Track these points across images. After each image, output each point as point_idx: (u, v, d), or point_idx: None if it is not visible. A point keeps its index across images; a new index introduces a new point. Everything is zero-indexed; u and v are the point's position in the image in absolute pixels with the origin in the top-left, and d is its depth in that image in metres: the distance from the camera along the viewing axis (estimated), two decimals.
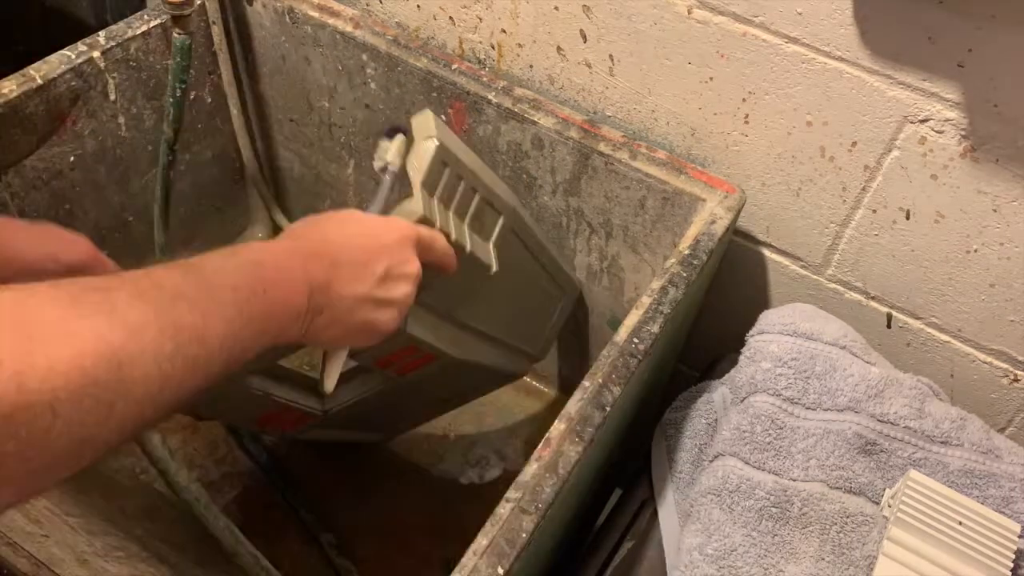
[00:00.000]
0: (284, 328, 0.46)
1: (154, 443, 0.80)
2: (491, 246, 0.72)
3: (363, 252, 0.52)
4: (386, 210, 0.61)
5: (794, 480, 0.71)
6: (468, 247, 0.67)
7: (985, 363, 0.83)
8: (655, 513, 0.76)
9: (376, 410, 0.86)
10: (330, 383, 0.61)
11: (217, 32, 0.99)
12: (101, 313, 0.34)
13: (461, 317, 0.77)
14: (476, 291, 0.75)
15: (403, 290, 0.55)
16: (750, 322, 0.81)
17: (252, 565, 0.80)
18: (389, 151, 0.62)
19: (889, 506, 0.70)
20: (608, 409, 0.64)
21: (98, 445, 0.34)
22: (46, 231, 0.56)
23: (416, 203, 0.60)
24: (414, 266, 0.56)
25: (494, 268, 0.72)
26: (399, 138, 0.62)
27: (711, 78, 0.80)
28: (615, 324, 0.96)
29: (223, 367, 0.40)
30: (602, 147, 0.83)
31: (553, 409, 1.08)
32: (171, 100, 0.92)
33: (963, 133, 0.70)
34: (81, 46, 0.85)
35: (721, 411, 0.78)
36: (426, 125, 0.62)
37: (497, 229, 0.73)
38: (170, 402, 0.37)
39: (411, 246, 0.56)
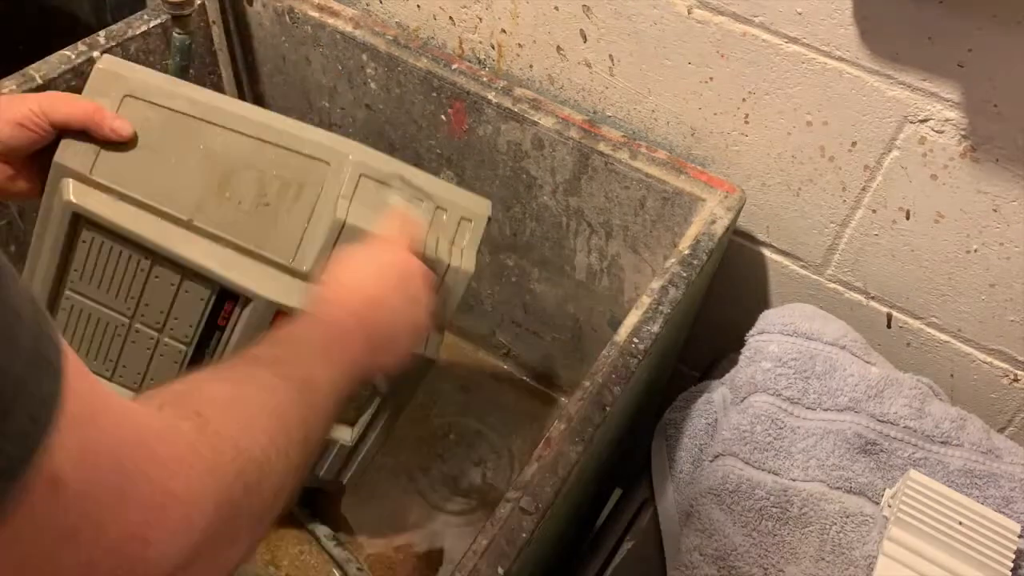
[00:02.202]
0: (358, 363, 0.54)
1: None
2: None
3: (380, 280, 0.60)
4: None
5: (794, 480, 0.71)
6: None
7: (985, 363, 0.83)
8: (655, 513, 0.76)
9: None
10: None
11: (217, 32, 0.99)
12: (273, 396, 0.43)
13: None
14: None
15: (416, 288, 0.63)
16: (750, 322, 0.81)
17: None
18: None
19: (889, 506, 0.70)
20: (608, 409, 0.64)
21: (280, 481, 0.40)
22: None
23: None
24: (415, 265, 0.64)
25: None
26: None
27: (711, 78, 0.80)
28: (615, 324, 0.96)
29: (331, 399, 0.49)
30: (602, 147, 0.83)
31: (553, 409, 1.08)
32: None
33: (963, 133, 0.70)
34: (81, 46, 0.85)
35: (721, 411, 0.78)
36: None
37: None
38: (310, 455, 0.45)
39: (406, 249, 0.64)
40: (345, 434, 0.81)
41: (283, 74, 1.02)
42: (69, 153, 0.63)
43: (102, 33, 0.87)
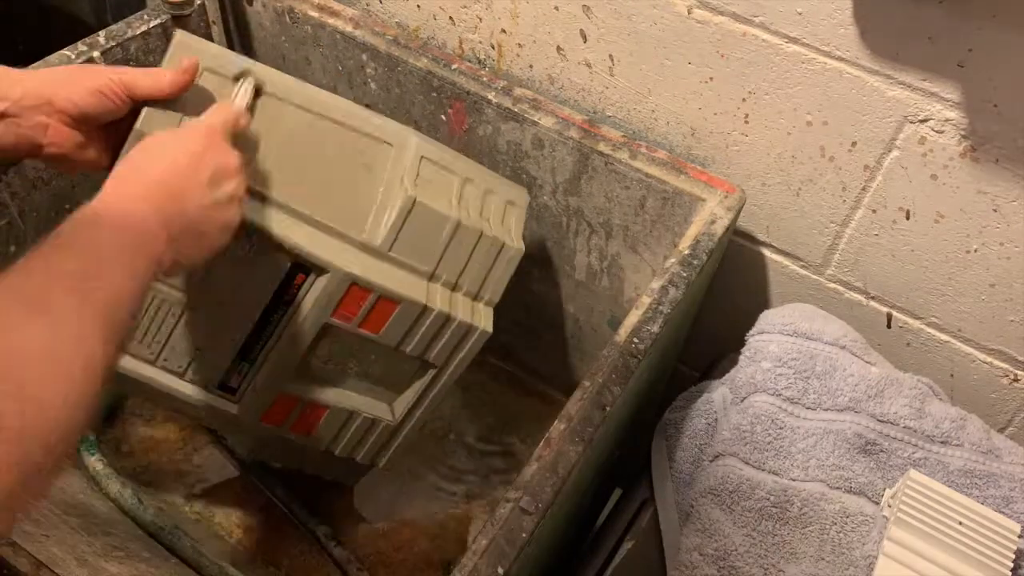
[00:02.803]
0: (159, 261, 0.52)
1: (112, 486, 0.82)
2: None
3: (186, 170, 0.57)
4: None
5: (794, 480, 0.71)
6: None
7: (985, 363, 0.83)
8: (655, 513, 0.76)
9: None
10: None
11: (217, 32, 0.99)
12: (48, 326, 0.41)
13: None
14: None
15: (231, 185, 0.59)
16: (750, 322, 0.81)
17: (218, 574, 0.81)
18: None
19: (889, 506, 0.70)
20: (608, 409, 0.64)
21: (76, 428, 0.40)
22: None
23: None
24: (230, 159, 0.60)
25: None
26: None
27: (711, 78, 0.80)
28: (615, 324, 0.96)
29: (133, 311, 0.48)
30: (602, 147, 0.83)
31: (553, 409, 1.08)
32: None
33: (963, 133, 0.70)
34: (81, 46, 0.85)
35: (721, 411, 0.78)
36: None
37: None
38: (111, 355, 0.44)
39: (219, 141, 0.60)
40: (387, 413, 0.81)
41: None
42: (152, 122, 0.63)
43: (102, 33, 0.87)
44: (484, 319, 0.77)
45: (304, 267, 0.69)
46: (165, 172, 0.55)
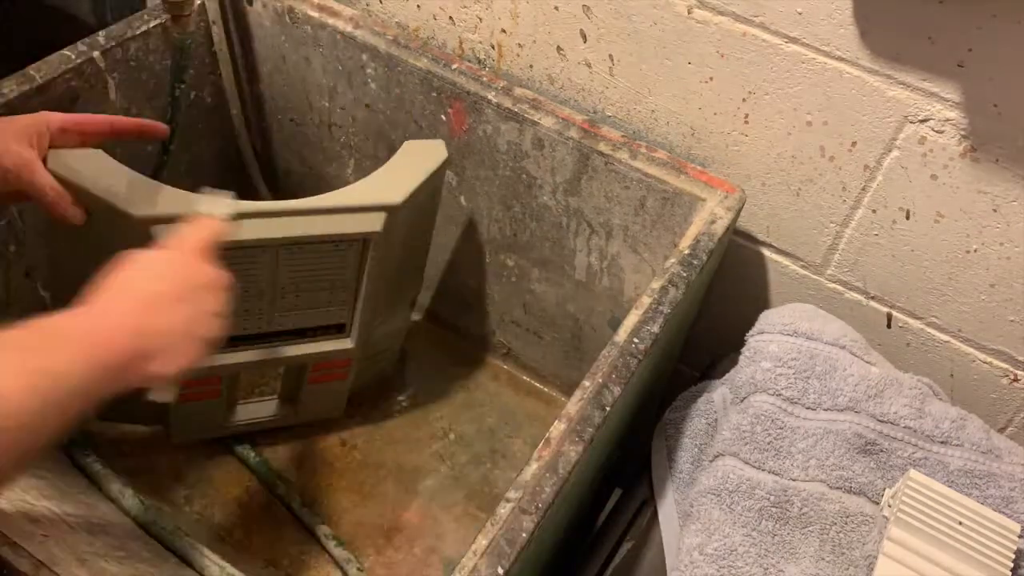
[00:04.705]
0: (128, 373, 0.54)
1: (113, 486, 0.83)
2: None
3: (160, 285, 0.58)
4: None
5: (794, 480, 0.71)
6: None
7: (985, 363, 0.83)
8: (655, 513, 0.76)
9: None
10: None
11: (217, 32, 0.99)
12: None
13: None
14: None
15: (212, 300, 0.61)
16: (750, 322, 0.81)
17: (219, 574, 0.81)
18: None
19: (889, 506, 0.70)
20: (608, 409, 0.64)
21: None
22: None
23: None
24: (209, 274, 0.61)
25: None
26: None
27: (711, 78, 0.80)
28: (615, 324, 0.96)
29: (81, 408, 0.49)
30: (602, 147, 0.83)
31: (553, 409, 1.08)
32: (169, 100, 0.92)
33: (963, 133, 0.70)
34: (81, 46, 0.85)
35: (721, 411, 0.78)
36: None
37: None
38: (37, 440, 0.46)
39: (198, 257, 0.61)
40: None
41: (283, 74, 1.02)
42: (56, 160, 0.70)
43: (102, 33, 0.87)
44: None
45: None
46: (140, 286, 0.57)
